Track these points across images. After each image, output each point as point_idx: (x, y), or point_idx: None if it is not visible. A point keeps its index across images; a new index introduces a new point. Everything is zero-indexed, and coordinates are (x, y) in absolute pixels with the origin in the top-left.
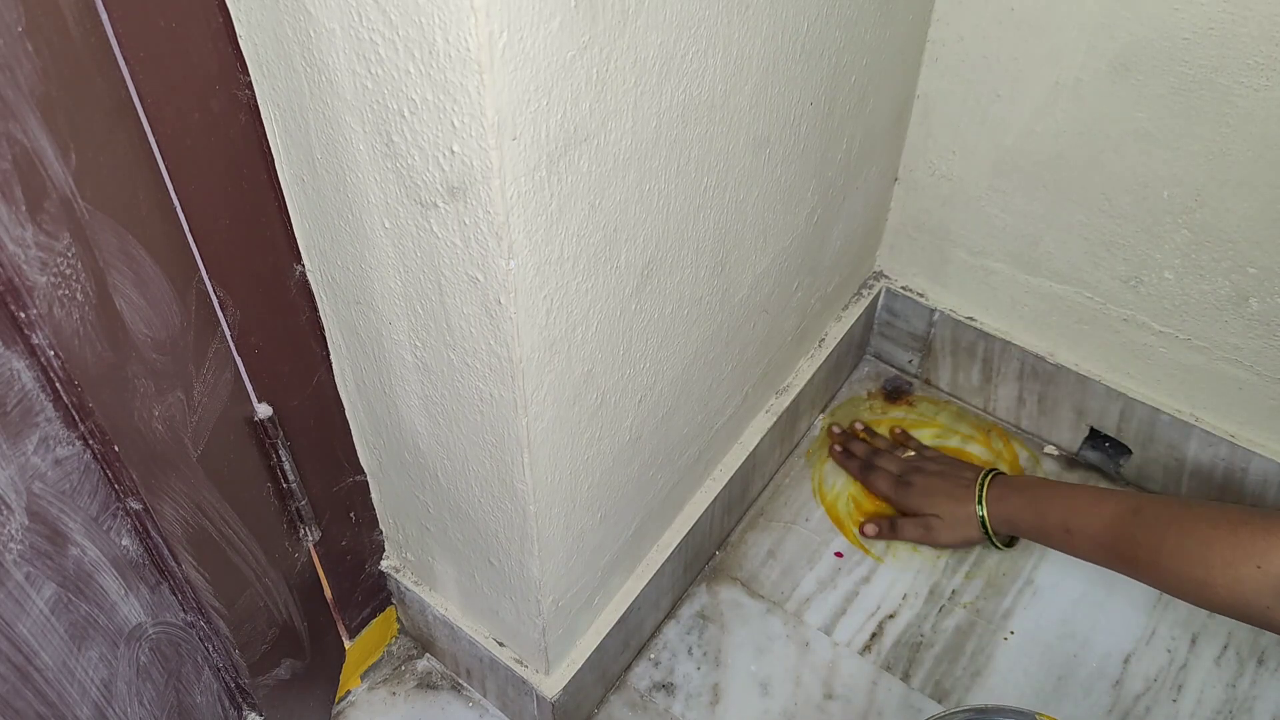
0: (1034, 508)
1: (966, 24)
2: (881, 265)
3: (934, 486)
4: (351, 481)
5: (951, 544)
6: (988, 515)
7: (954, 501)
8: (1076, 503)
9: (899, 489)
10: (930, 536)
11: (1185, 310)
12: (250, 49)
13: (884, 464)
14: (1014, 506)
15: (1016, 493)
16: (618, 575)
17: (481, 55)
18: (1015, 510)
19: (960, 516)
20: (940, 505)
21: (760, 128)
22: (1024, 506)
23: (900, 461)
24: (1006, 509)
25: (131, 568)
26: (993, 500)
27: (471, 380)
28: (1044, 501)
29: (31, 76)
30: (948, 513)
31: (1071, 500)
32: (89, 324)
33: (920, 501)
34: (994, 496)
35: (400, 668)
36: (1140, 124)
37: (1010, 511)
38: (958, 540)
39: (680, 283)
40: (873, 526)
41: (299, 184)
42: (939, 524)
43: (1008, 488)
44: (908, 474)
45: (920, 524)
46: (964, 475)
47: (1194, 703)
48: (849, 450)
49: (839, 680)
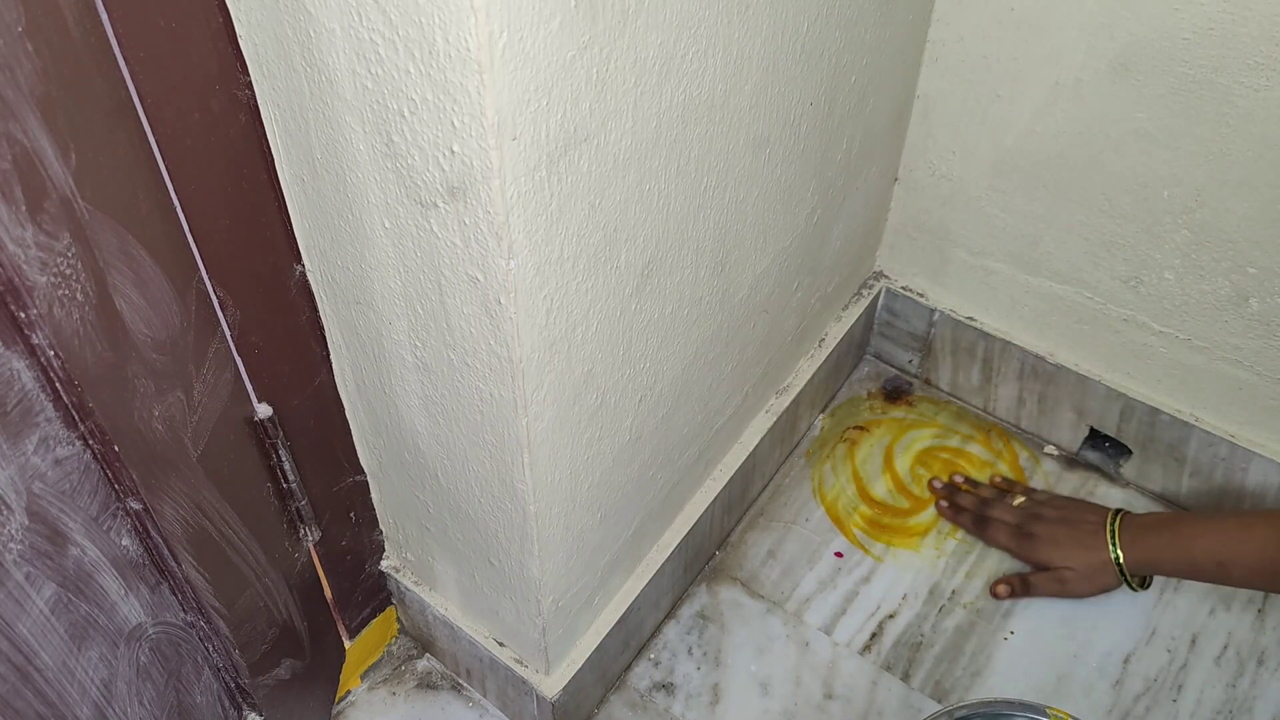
0: (1177, 547)
1: (966, 24)
2: (881, 265)
3: (1060, 536)
4: (351, 481)
5: (1089, 594)
6: (1124, 561)
7: (1085, 550)
8: (1225, 534)
9: (1021, 541)
10: (1066, 590)
11: (1185, 310)
12: (250, 49)
13: (999, 515)
14: (1152, 548)
15: (1152, 533)
16: (618, 575)
17: (481, 55)
18: (1155, 552)
19: (1094, 564)
20: (1072, 556)
21: (760, 128)
22: (1165, 547)
23: (1015, 511)
24: (1145, 552)
25: (131, 568)
26: (1127, 545)
27: (471, 380)
28: (1187, 538)
29: (31, 76)
30: (1080, 563)
31: (1218, 533)
32: (89, 324)
33: (1049, 554)
34: (1128, 541)
35: (400, 668)
36: (1140, 124)
37: (1150, 555)
38: (1095, 590)
39: (680, 283)
40: (1004, 588)
41: (299, 184)
42: (1073, 576)
43: (1142, 529)
44: (1027, 524)
45: (1054, 579)
46: (1089, 519)
47: (1194, 703)
48: (956, 504)
49: (839, 680)
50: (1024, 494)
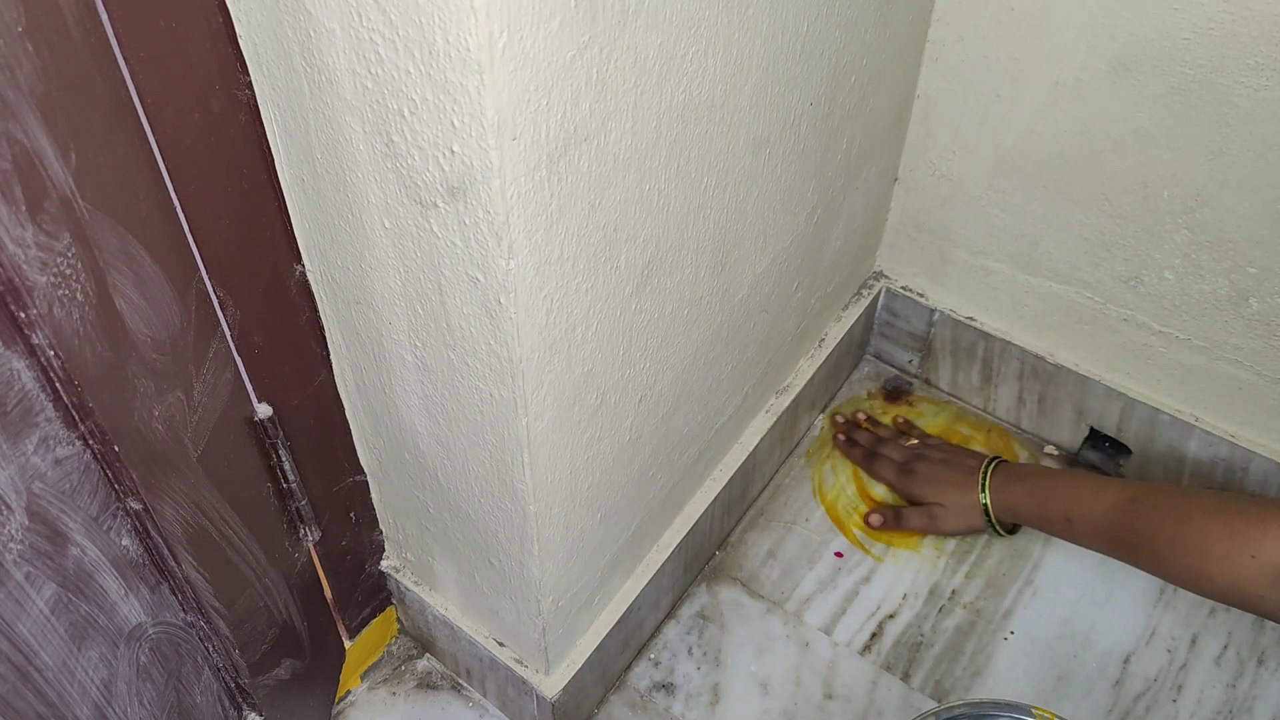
0: (1036, 496)
1: (966, 24)
2: (881, 265)
3: (938, 474)
4: (351, 481)
5: (955, 532)
6: (991, 503)
7: (958, 489)
8: (1078, 491)
9: (903, 477)
10: (935, 525)
11: (1185, 310)
12: (250, 49)
13: (888, 452)
14: (1016, 494)
15: (1019, 481)
16: (618, 575)
17: (481, 55)
18: (1018, 498)
19: (964, 504)
20: (944, 493)
21: (760, 128)
22: (1026, 494)
23: (904, 450)
24: (1009, 497)
25: (131, 568)
26: (995, 488)
27: (471, 380)
28: (1046, 490)
29: (31, 76)
30: (952, 500)
31: (1073, 489)
32: (89, 324)
33: (924, 489)
34: (997, 484)
35: (400, 668)
36: (1140, 124)
37: (1013, 499)
38: (961, 528)
39: (680, 283)
40: (877, 516)
41: (299, 184)
42: (943, 512)
43: (1010, 476)
44: (911, 462)
45: (924, 512)
46: (967, 463)
47: (1194, 703)
48: (852, 439)
49: (839, 680)
50: (919, 438)
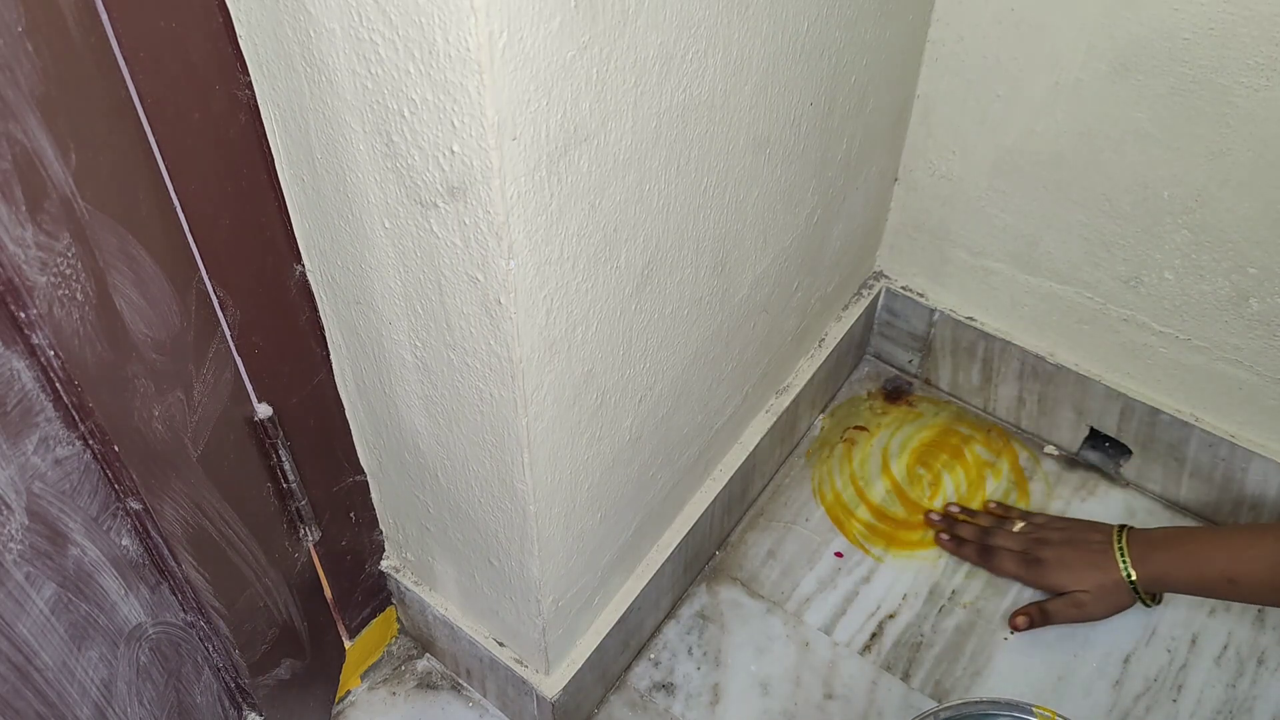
0: (1187, 564)
1: (966, 24)
2: (881, 265)
3: (1068, 559)
4: (351, 481)
5: (1106, 616)
6: (1137, 579)
7: (1097, 571)
8: (1232, 550)
9: (1030, 568)
10: (1084, 614)
11: (1185, 310)
12: (250, 49)
13: (1003, 543)
14: (1162, 565)
15: (1161, 550)
16: (618, 575)
17: (481, 55)
18: (1165, 569)
19: (1108, 585)
20: (1084, 579)
21: (760, 128)
22: (1175, 564)
23: (1018, 538)
24: (1155, 569)
25: (131, 568)
26: (1137, 561)
27: (471, 380)
28: (1196, 556)
29: (31, 76)
30: (1094, 584)
31: (1225, 549)
32: (89, 324)
33: (1061, 578)
34: (1137, 556)
35: (400, 668)
36: (1140, 124)
37: (1159, 571)
38: (1112, 611)
39: (680, 283)
40: (1024, 619)
41: (299, 184)
42: (1089, 599)
43: (1149, 545)
44: (1032, 549)
45: (1071, 603)
46: (1094, 539)
47: (1194, 703)
48: (957, 536)
49: (839, 680)
50: (1022, 518)
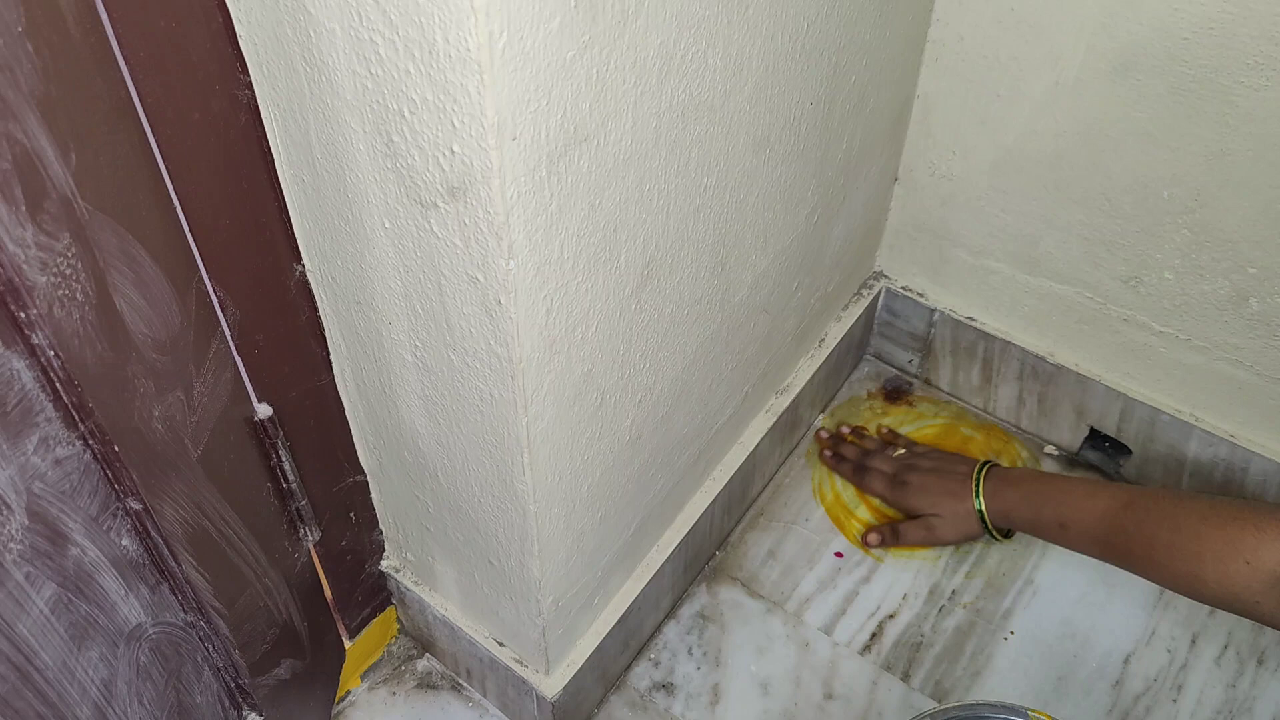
0: (1029, 502)
1: (966, 24)
2: (881, 265)
3: (930, 484)
4: (351, 481)
5: (954, 541)
6: (986, 509)
7: (952, 498)
8: (1071, 496)
9: (895, 489)
10: (933, 536)
11: (1185, 310)
12: (250, 49)
13: (877, 464)
14: (1010, 501)
15: (1012, 487)
16: (618, 575)
17: (481, 55)
18: (1011, 504)
19: (960, 513)
20: (940, 503)
21: (760, 128)
22: (1019, 501)
23: (893, 461)
24: (1003, 503)
25: (131, 568)
26: (989, 494)
27: (471, 380)
28: (1039, 496)
29: (31, 76)
30: (948, 510)
31: (1066, 494)
32: (89, 324)
33: (919, 501)
34: (990, 491)
35: (400, 668)
36: (1140, 124)
37: (1007, 505)
38: (959, 537)
39: (680, 283)
40: (875, 535)
41: (299, 184)
42: (940, 523)
43: (1003, 481)
44: (902, 473)
45: (922, 525)
46: (959, 470)
47: (1194, 703)
48: (839, 454)
49: (839, 680)
50: (906, 446)
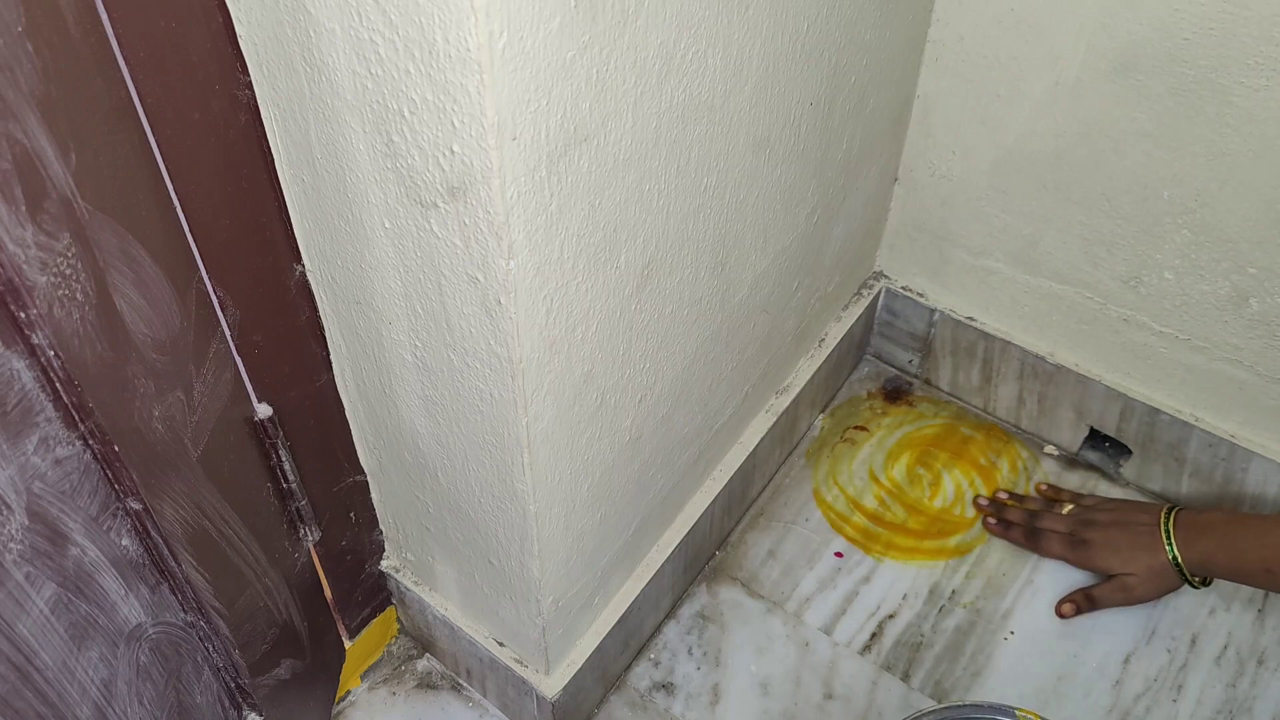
0: (1227, 550)
1: (966, 24)
2: (881, 265)
3: (1116, 540)
4: (351, 481)
5: (1154, 598)
6: (1182, 561)
7: (1144, 553)
8: (1273, 538)
9: (1077, 550)
10: (1131, 597)
11: (1185, 310)
12: (250, 49)
13: (1050, 525)
14: (1206, 550)
15: (1206, 535)
16: (618, 575)
17: (481, 55)
18: (1208, 553)
19: (1155, 568)
20: (1131, 561)
21: (760, 128)
22: (1216, 549)
23: (1066, 520)
24: (1199, 553)
25: (131, 568)
26: (1183, 544)
27: (471, 380)
28: (1238, 540)
29: (31, 76)
30: (1141, 567)
31: (1267, 536)
32: (89, 324)
33: (1107, 561)
34: (1183, 540)
35: (400, 668)
36: (1140, 124)
37: (1203, 555)
38: (1159, 593)
39: (680, 283)
40: (1070, 606)
41: (299, 184)
42: (1136, 582)
43: (1194, 529)
44: (1080, 530)
45: (1118, 587)
46: (1142, 521)
47: (1194, 703)
48: (1005, 520)
49: (839, 680)
50: (1071, 500)
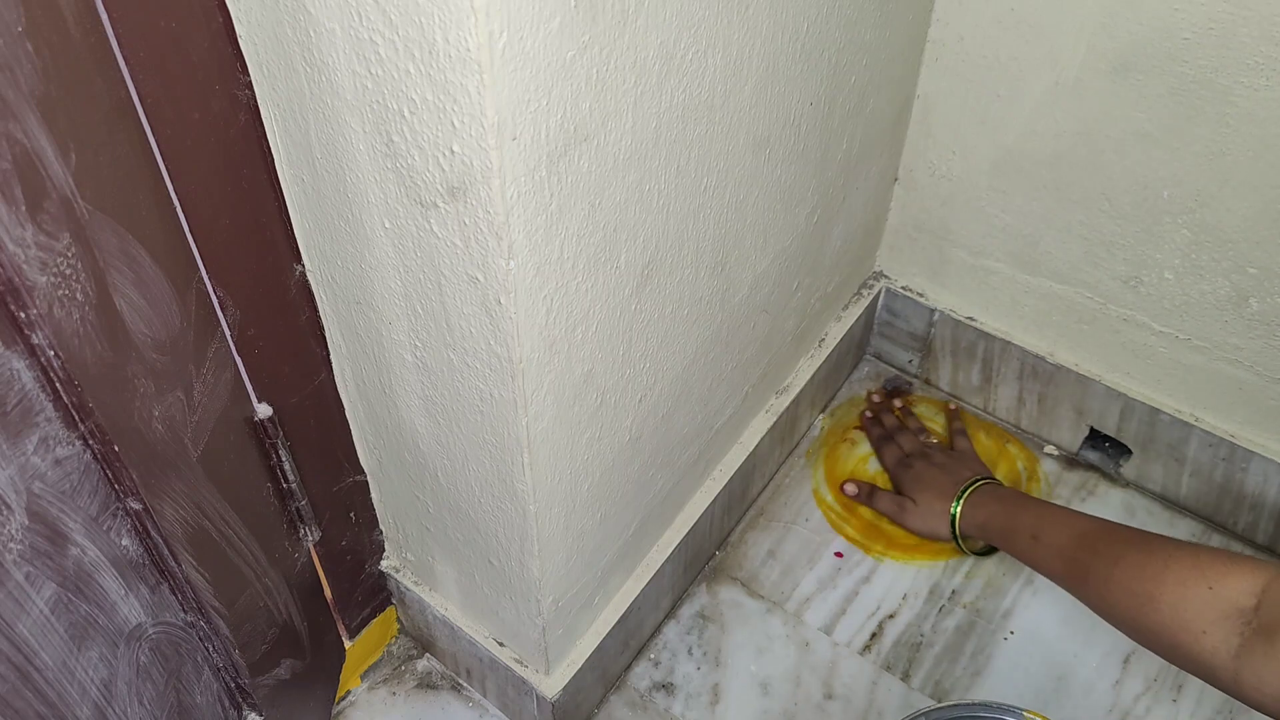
0: (1007, 512)
1: (966, 24)
2: (881, 265)
3: (928, 475)
4: (351, 481)
5: (918, 531)
6: (959, 514)
7: (935, 493)
8: (1052, 512)
9: (899, 467)
10: (900, 516)
11: (1185, 310)
12: (250, 49)
13: (901, 440)
14: (989, 511)
15: (997, 500)
16: (618, 575)
17: (481, 55)
18: (990, 515)
19: (935, 509)
20: (923, 493)
21: (760, 128)
22: (999, 511)
23: (916, 443)
24: (981, 514)
25: (131, 568)
26: (971, 503)
27: (471, 380)
28: (1019, 508)
29: (31, 76)
30: (925, 502)
31: (1047, 510)
32: (89, 324)
33: (910, 484)
34: (974, 500)
35: (400, 668)
36: (1140, 124)
37: (984, 516)
38: (924, 530)
39: (680, 283)
40: (852, 486)
41: (299, 184)
42: (911, 508)
43: (990, 495)
44: (914, 456)
45: (895, 502)
46: (959, 474)
47: (1194, 703)
48: (879, 418)
49: (839, 680)
50: (935, 440)
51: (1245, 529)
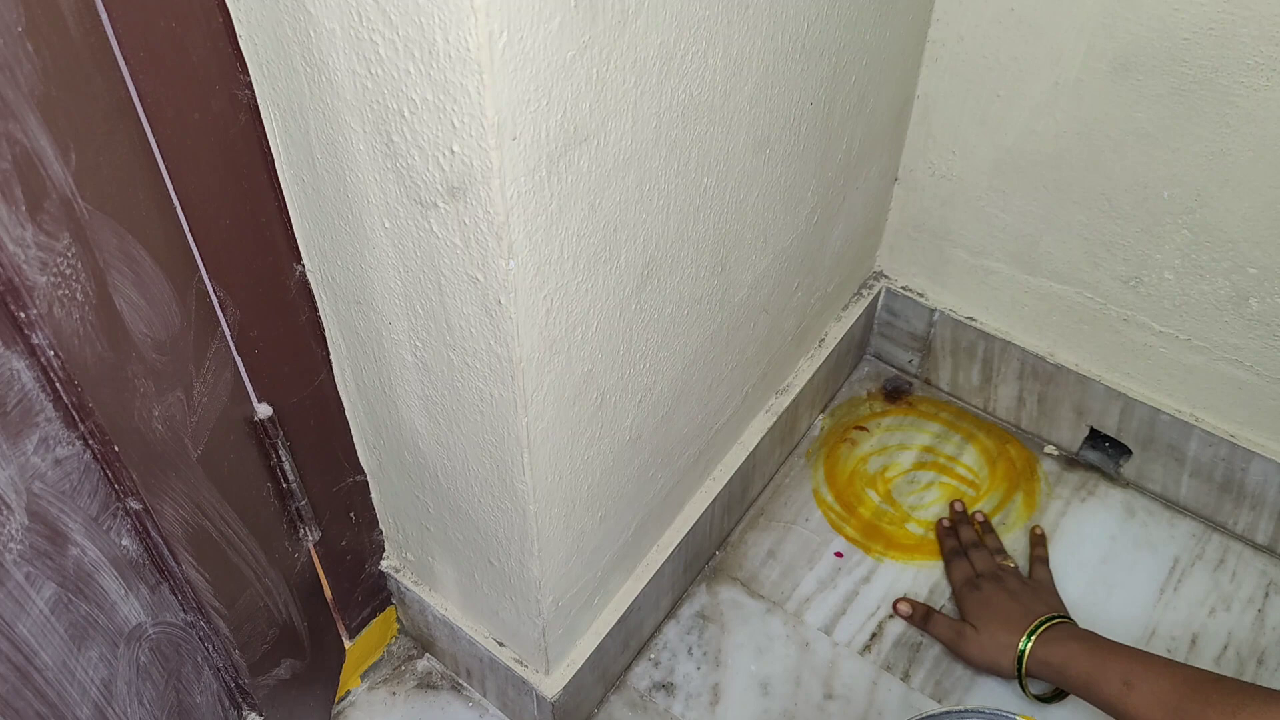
0: (1092, 655)
1: (966, 24)
2: (881, 265)
3: (996, 601)
4: (351, 481)
5: (975, 663)
6: (1029, 651)
7: (1002, 624)
8: (1148, 660)
9: (966, 586)
10: (956, 645)
11: (1185, 310)
12: (250, 49)
13: (975, 557)
14: (1068, 651)
15: (1076, 640)
16: (618, 575)
17: (481, 55)
18: (1068, 656)
19: (1000, 641)
20: (988, 622)
21: (760, 128)
22: (1079, 652)
23: (991, 563)
24: (1058, 654)
25: (131, 568)
26: (1044, 641)
27: (471, 380)
28: (1108, 652)
29: (31, 76)
30: (989, 632)
31: (1142, 657)
32: (89, 324)
33: (974, 609)
34: (1048, 637)
35: (400, 668)
36: (1140, 124)
37: (1062, 657)
38: (982, 662)
39: (680, 283)
40: (906, 606)
41: (299, 184)
42: (972, 636)
43: (1069, 634)
44: (984, 577)
45: (953, 628)
46: (1035, 607)
47: None
48: (955, 529)
49: (839, 680)
50: (1013, 564)
51: (1245, 529)
